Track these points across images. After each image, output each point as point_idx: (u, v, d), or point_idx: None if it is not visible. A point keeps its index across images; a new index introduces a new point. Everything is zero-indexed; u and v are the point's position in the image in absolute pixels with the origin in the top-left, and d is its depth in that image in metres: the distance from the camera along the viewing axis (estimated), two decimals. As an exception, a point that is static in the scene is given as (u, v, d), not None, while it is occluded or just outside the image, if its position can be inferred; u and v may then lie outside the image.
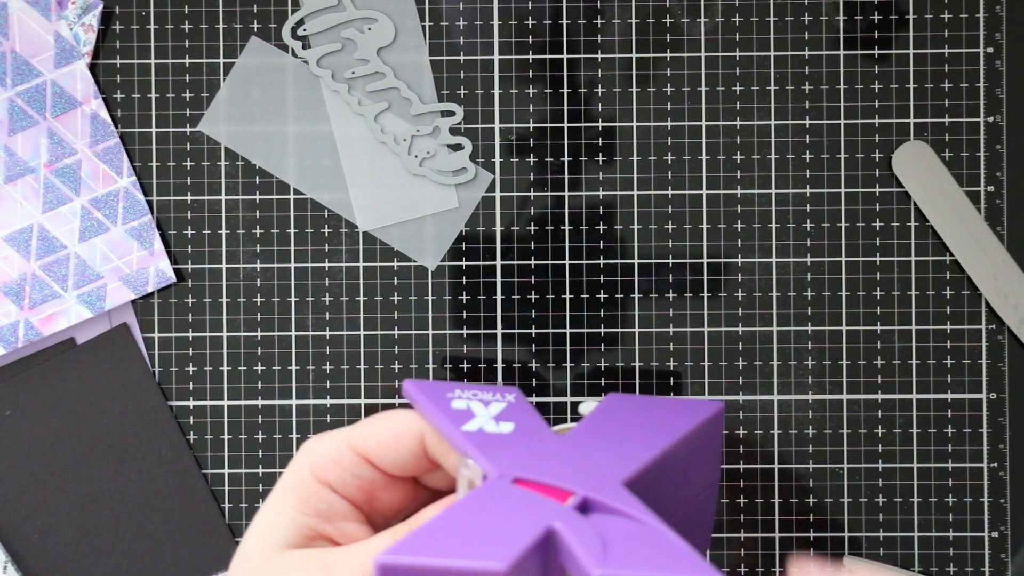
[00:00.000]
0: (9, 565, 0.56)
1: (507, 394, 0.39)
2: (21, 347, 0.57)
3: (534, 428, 0.38)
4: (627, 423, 0.39)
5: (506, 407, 0.38)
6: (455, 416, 0.37)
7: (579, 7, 0.57)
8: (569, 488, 0.34)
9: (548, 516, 0.33)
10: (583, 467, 0.36)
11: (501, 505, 0.33)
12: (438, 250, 0.58)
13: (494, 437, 0.37)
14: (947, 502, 0.57)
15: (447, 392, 0.38)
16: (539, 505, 0.33)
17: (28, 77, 0.57)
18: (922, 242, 0.57)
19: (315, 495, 0.35)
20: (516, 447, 0.36)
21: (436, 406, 0.37)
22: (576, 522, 0.33)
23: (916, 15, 0.57)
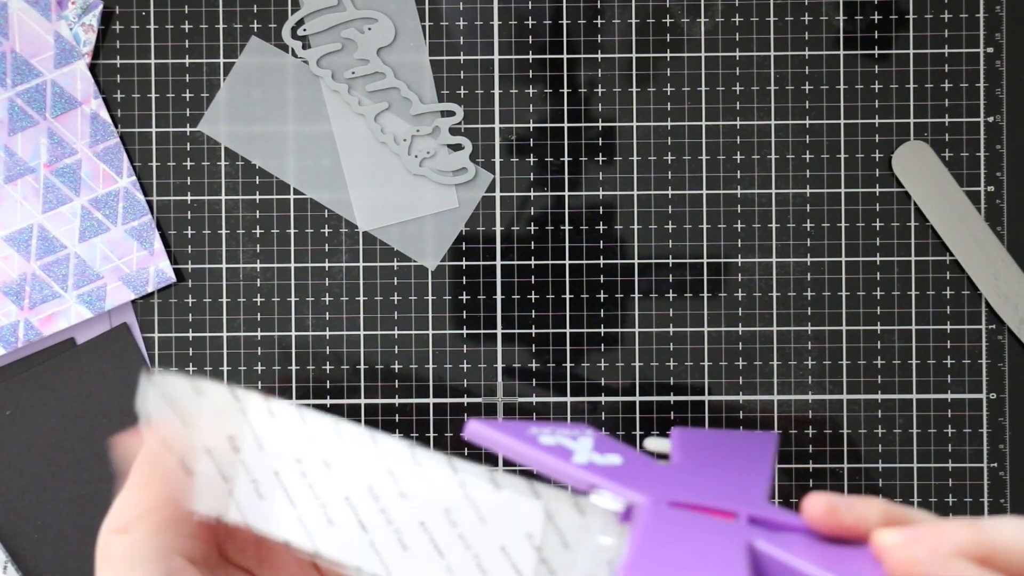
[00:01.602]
0: (9, 565, 0.56)
1: (585, 430, 0.37)
2: (21, 347, 0.57)
3: (639, 458, 0.36)
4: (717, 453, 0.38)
5: (596, 440, 0.36)
6: (554, 452, 0.35)
7: (579, 7, 0.57)
8: (729, 508, 0.33)
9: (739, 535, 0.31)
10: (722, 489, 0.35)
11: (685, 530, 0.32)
12: (438, 250, 0.58)
13: (610, 469, 0.34)
14: (947, 502, 0.57)
15: (526, 430, 0.36)
16: (721, 525, 0.32)
17: (28, 77, 0.57)
18: (922, 242, 0.57)
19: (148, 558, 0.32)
20: (638, 476, 0.34)
21: (528, 444, 0.35)
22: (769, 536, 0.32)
23: (916, 15, 0.57)
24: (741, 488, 0.35)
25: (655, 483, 0.34)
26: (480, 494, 0.32)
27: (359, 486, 0.32)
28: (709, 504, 0.33)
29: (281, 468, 0.33)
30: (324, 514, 0.32)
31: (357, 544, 0.32)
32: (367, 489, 0.32)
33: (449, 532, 0.32)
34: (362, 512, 0.32)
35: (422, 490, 0.32)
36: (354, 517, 0.32)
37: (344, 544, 0.32)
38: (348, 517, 0.32)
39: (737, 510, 0.33)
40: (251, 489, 0.33)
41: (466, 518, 0.32)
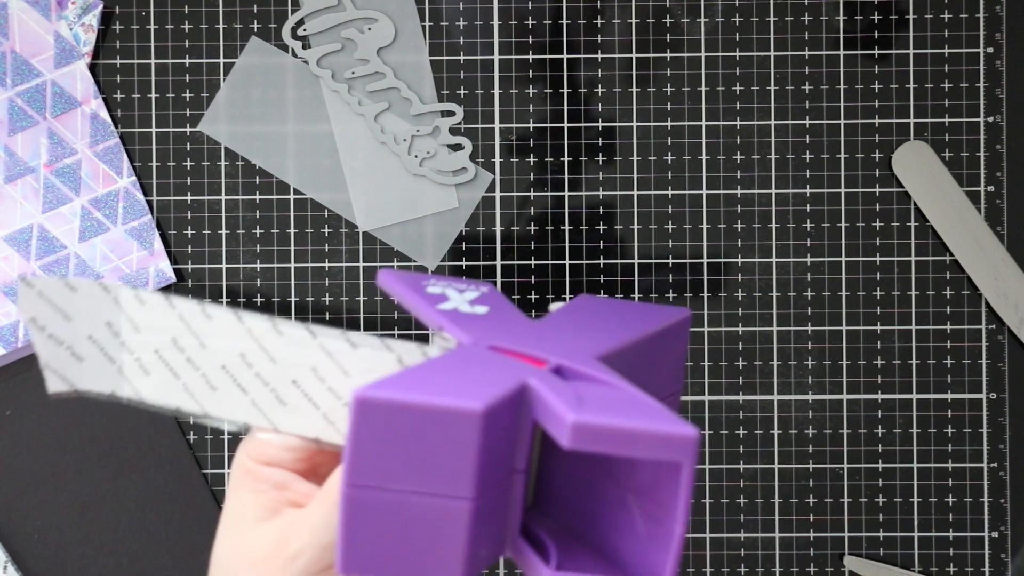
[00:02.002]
0: (9, 565, 0.56)
1: (482, 286, 0.40)
2: (21, 347, 0.57)
3: (508, 312, 0.38)
4: (597, 316, 0.39)
5: (480, 295, 0.39)
6: (430, 299, 0.38)
7: (579, 7, 0.57)
8: (544, 357, 0.35)
9: (524, 374, 0.33)
10: (558, 343, 0.36)
11: (478, 363, 0.34)
12: (438, 250, 0.58)
13: (469, 316, 0.37)
14: (947, 502, 0.57)
15: (423, 280, 0.39)
16: (516, 366, 0.34)
17: (28, 77, 0.57)
18: (922, 242, 0.57)
19: (264, 474, 0.37)
20: (491, 325, 0.37)
21: (411, 290, 0.38)
22: (551, 380, 0.33)
23: (916, 15, 0.57)
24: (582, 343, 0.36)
25: (496, 332, 0.36)
26: (340, 353, 0.36)
27: (232, 355, 0.36)
28: (526, 352, 0.35)
29: (160, 346, 0.37)
30: (206, 382, 0.37)
31: (240, 402, 0.37)
32: (240, 356, 0.36)
33: (319, 387, 0.36)
34: (240, 377, 0.36)
35: (288, 354, 0.36)
36: (233, 382, 0.37)
37: (228, 405, 0.37)
38: (228, 382, 0.37)
39: (550, 360, 0.34)
40: (137, 367, 0.37)
41: (332, 374, 0.36)
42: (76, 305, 0.37)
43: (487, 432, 0.31)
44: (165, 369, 0.37)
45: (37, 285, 0.36)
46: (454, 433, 0.31)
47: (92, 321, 0.37)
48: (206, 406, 0.37)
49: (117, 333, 0.37)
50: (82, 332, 0.37)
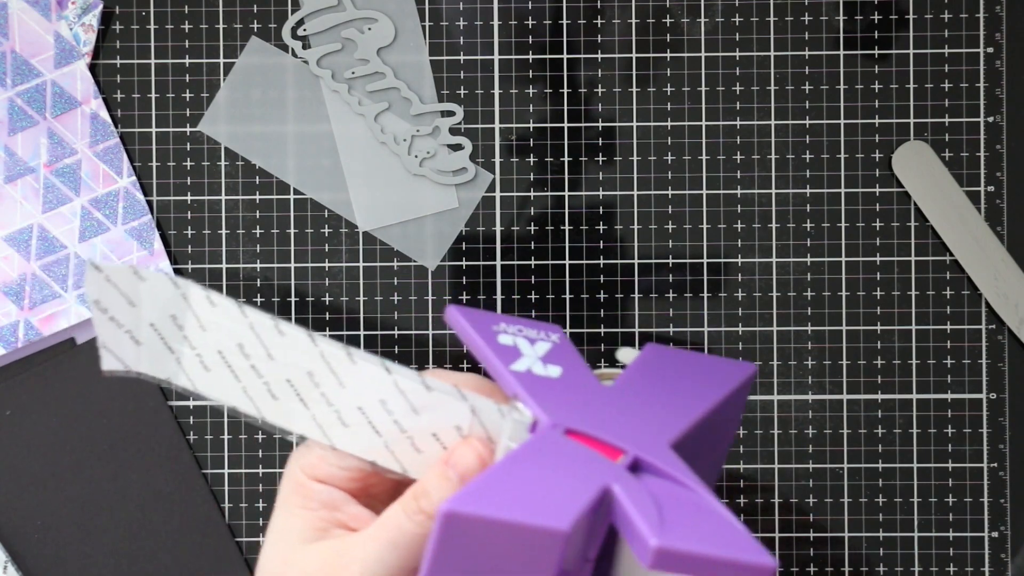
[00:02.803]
0: (9, 565, 0.56)
1: (551, 333, 0.40)
2: (21, 347, 0.57)
3: (580, 375, 0.38)
4: (669, 379, 0.39)
5: (551, 348, 0.39)
6: (503, 352, 0.38)
7: (579, 7, 0.57)
8: (620, 445, 0.35)
9: (604, 475, 0.33)
10: (631, 423, 0.36)
11: (558, 459, 0.34)
12: (438, 250, 0.58)
13: (542, 380, 0.37)
14: (947, 502, 0.57)
15: (492, 324, 0.39)
16: (594, 462, 0.34)
17: (28, 77, 0.57)
18: (922, 242, 0.57)
19: (314, 491, 0.37)
20: (564, 394, 0.37)
21: (483, 339, 0.38)
22: (632, 485, 0.33)
23: (916, 15, 0.57)
24: (656, 423, 0.36)
25: (570, 405, 0.36)
26: (413, 392, 0.36)
27: (300, 372, 0.37)
28: (603, 438, 0.35)
29: (224, 349, 0.37)
30: (268, 391, 0.37)
31: (300, 416, 0.37)
32: (307, 375, 0.37)
33: (385, 417, 0.36)
34: (304, 393, 0.37)
35: (358, 382, 0.37)
36: (296, 396, 0.37)
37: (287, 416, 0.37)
38: (291, 395, 0.37)
39: (627, 449, 0.34)
40: (197, 362, 0.37)
41: (400, 409, 0.36)
42: (142, 293, 0.37)
43: (569, 543, 0.31)
44: (226, 370, 0.38)
45: (105, 270, 0.37)
46: (537, 545, 0.31)
47: (156, 310, 0.37)
48: (264, 412, 0.37)
49: (181, 327, 0.37)
50: (145, 319, 0.37)
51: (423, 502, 0.36)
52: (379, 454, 0.37)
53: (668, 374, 0.40)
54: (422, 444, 0.37)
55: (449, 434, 0.37)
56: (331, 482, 0.37)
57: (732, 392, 0.40)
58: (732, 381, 0.40)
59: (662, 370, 0.40)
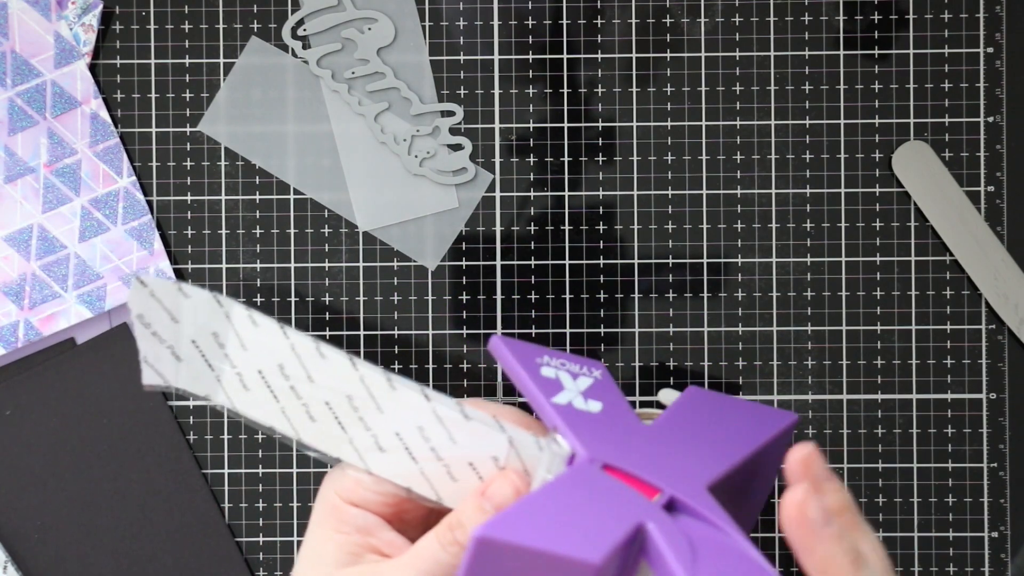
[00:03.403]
0: (9, 565, 0.56)
1: (594, 369, 0.40)
2: (21, 347, 0.57)
3: (621, 411, 0.38)
4: (709, 422, 0.40)
5: (593, 383, 0.39)
6: (545, 385, 0.38)
7: (579, 7, 0.57)
8: (657, 484, 0.35)
9: (639, 512, 0.33)
10: (669, 463, 0.36)
11: (593, 492, 0.34)
12: (438, 250, 0.58)
13: (583, 415, 0.37)
14: (947, 502, 0.57)
15: (536, 356, 0.39)
16: (630, 498, 0.34)
17: (28, 77, 0.57)
18: (922, 242, 0.57)
19: (349, 515, 0.37)
20: (604, 430, 0.37)
21: (526, 370, 0.38)
22: (666, 523, 0.33)
23: (916, 15, 0.57)
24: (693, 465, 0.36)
25: (609, 442, 0.36)
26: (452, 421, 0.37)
27: (339, 396, 0.37)
28: (641, 476, 0.35)
29: (264, 368, 0.37)
30: (306, 413, 0.37)
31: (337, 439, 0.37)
32: (347, 399, 0.37)
33: (423, 444, 0.37)
34: (342, 417, 0.37)
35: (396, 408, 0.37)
36: (334, 419, 0.37)
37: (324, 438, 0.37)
38: (329, 418, 0.37)
39: (664, 488, 0.34)
40: (237, 380, 0.38)
41: (438, 436, 0.37)
42: (185, 310, 0.37)
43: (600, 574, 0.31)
44: (266, 390, 0.38)
45: (150, 284, 0.37)
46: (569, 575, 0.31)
47: (199, 327, 0.38)
48: (301, 433, 0.38)
49: (222, 345, 0.38)
50: (186, 335, 0.38)
51: (458, 533, 0.36)
52: (414, 480, 0.37)
53: (708, 417, 0.40)
54: (458, 473, 0.37)
55: (485, 464, 0.37)
56: (365, 506, 0.37)
57: (772, 439, 0.40)
58: (773, 428, 0.40)
59: (702, 413, 0.40)
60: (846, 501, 0.34)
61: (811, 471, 0.33)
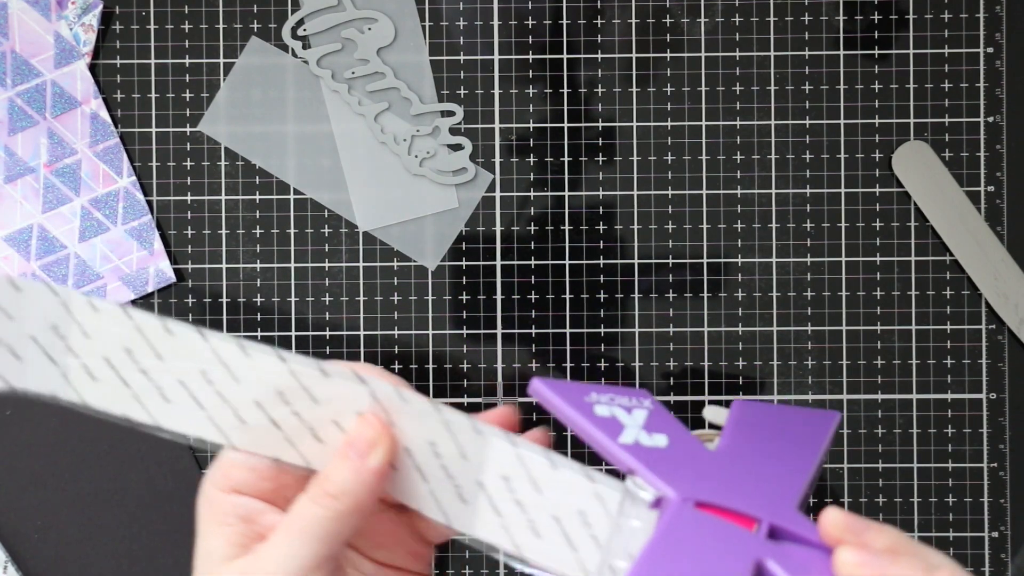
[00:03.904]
0: (9, 565, 0.56)
1: (643, 399, 0.38)
2: (21, 347, 0.57)
3: (685, 440, 0.37)
4: (769, 437, 0.39)
5: (648, 415, 0.38)
6: (605, 426, 0.36)
7: (579, 7, 0.57)
8: (752, 513, 0.35)
9: (752, 548, 0.33)
10: (753, 488, 0.36)
11: (702, 538, 0.34)
12: (438, 250, 0.58)
13: (653, 452, 0.36)
14: (947, 502, 0.57)
15: (583, 395, 0.38)
16: (737, 536, 0.34)
17: (28, 77, 0.57)
18: (922, 242, 0.57)
19: (229, 504, 0.36)
20: (678, 463, 0.36)
21: (581, 413, 0.37)
22: (781, 555, 0.33)
23: (916, 15, 0.57)
24: (776, 485, 0.36)
25: (690, 475, 0.36)
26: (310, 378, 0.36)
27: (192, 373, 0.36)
28: (734, 507, 0.35)
29: (111, 355, 0.36)
30: (160, 394, 0.36)
31: (195, 417, 0.36)
32: (200, 374, 0.36)
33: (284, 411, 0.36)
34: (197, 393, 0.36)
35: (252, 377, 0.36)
36: (191, 397, 0.36)
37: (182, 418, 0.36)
38: (185, 397, 0.36)
39: (760, 516, 0.34)
40: (83, 373, 0.37)
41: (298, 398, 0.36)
42: (21, 305, 0.36)
43: None
44: (115, 377, 0.37)
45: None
46: None
47: (38, 322, 0.36)
48: (158, 417, 0.36)
49: (64, 337, 0.36)
50: (24, 332, 0.36)
51: (327, 485, 0.35)
52: (280, 448, 0.36)
53: (766, 432, 0.39)
54: (323, 434, 0.36)
55: (350, 420, 0.36)
56: (245, 490, 0.36)
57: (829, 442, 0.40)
58: (825, 431, 0.39)
59: (759, 427, 0.40)
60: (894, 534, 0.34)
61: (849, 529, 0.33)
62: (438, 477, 0.36)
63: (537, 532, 0.35)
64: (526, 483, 0.35)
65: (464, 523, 0.36)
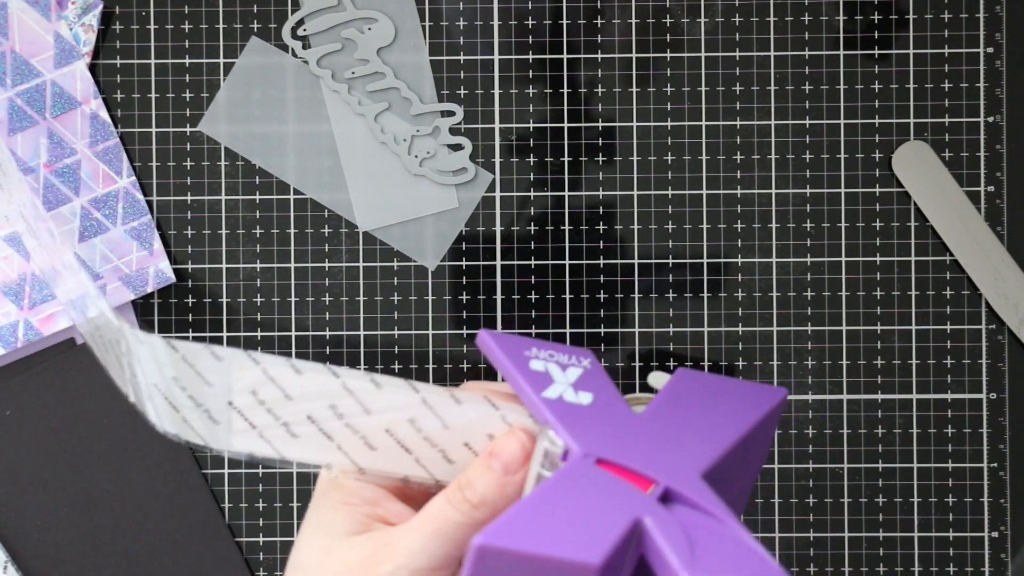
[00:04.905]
0: (9, 565, 0.56)
1: (583, 358, 0.40)
2: (21, 347, 0.57)
3: (611, 401, 0.38)
4: (700, 405, 0.40)
5: (583, 373, 0.39)
6: (534, 379, 0.38)
7: (579, 7, 0.57)
8: (651, 476, 0.35)
9: (635, 507, 0.34)
10: (662, 452, 0.36)
11: (589, 490, 0.34)
12: (438, 250, 0.58)
13: (574, 408, 0.37)
14: (947, 502, 0.57)
15: (524, 350, 0.39)
16: (625, 493, 0.34)
17: (28, 77, 0.57)
18: (922, 242, 0.57)
19: (354, 487, 0.38)
20: (595, 422, 0.37)
21: (515, 365, 0.38)
22: (663, 517, 0.33)
23: (916, 15, 0.57)
24: (686, 452, 0.36)
25: (601, 434, 0.37)
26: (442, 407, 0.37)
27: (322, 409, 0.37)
28: (634, 468, 0.36)
29: (314, 413, 0.37)
30: (287, 431, 0.37)
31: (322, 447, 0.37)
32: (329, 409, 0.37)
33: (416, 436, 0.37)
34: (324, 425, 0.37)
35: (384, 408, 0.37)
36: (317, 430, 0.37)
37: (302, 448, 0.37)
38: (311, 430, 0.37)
39: (658, 479, 0.34)
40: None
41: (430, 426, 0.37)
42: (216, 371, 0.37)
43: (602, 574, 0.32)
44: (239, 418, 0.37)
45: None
46: None
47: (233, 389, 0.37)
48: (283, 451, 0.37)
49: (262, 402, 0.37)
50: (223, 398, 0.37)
51: (468, 492, 0.36)
52: (410, 469, 0.37)
53: (699, 400, 0.40)
54: (454, 455, 0.37)
55: (482, 442, 0.37)
56: (368, 479, 0.38)
57: (763, 418, 0.40)
58: (763, 407, 0.40)
59: (693, 396, 0.40)
60: None
61: None
62: None
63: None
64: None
65: None
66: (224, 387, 0.37)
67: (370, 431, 0.37)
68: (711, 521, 0.34)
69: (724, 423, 0.39)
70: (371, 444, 0.37)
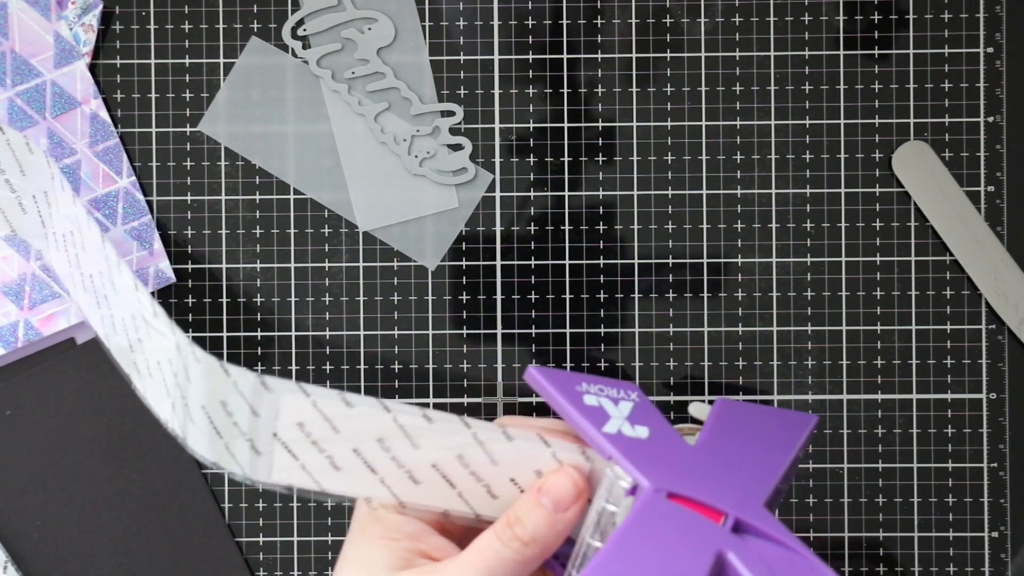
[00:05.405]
0: (9, 565, 0.56)
1: (631, 391, 0.40)
2: (21, 347, 0.57)
3: (666, 434, 0.39)
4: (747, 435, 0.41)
5: (634, 407, 0.39)
6: (591, 415, 0.38)
7: (579, 7, 0.57)
8: (720, 507, 0.36)
9: (715, 541, 0.34)
10: (723, 484, 0.37)
11: (668, 527, 0.35)
12: (438, 250, 0.58)
13: (633, 442, 0.38)
14: (947, 502, 0.57)
15: (575, 385, 0.39)
16: (702, 527, 0.35)
17: (28, 77, 0.57)
18: (922, 242, 0.57)
19: (395, 521, 0.37)
20: (655, 455, 0.37)
21: (570, 401, 0.38)
22: (743, 549, 0.34)
23: (916, 15, 0.57)
24: (746, 482, 0.37)
25: (665, 466, 0.37)
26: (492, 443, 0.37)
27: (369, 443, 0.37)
28: (704, 500, 0.36)
29: (360, 446, 0.36)
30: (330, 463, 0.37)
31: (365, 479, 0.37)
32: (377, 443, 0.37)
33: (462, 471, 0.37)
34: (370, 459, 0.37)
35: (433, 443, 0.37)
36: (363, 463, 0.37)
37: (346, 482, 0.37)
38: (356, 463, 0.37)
39: (727, 511, 0.35)
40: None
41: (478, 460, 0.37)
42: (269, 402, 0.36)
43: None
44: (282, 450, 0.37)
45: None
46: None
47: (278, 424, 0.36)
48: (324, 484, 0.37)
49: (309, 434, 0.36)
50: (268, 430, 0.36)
51: (517, 529, 0.36)
52: (452, 503, 0.37)
53: (744, 430, 0.41)
54: (499, 490, 0.37)
55: (528, 478, 0.37)
56: (408, 513, 0.38)
57: (803, 444, 0.41)
58: (801, 433, 0.41)
59: (738, 426, 0.41)
60: None
61: None
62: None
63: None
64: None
65: None
66: (271, 418, 0.36)
67: (416, 465, 0.37)
68: (784, 551, 0.34)
69: (772, 451, 0.40)
70: (416, 478, 0.37)
